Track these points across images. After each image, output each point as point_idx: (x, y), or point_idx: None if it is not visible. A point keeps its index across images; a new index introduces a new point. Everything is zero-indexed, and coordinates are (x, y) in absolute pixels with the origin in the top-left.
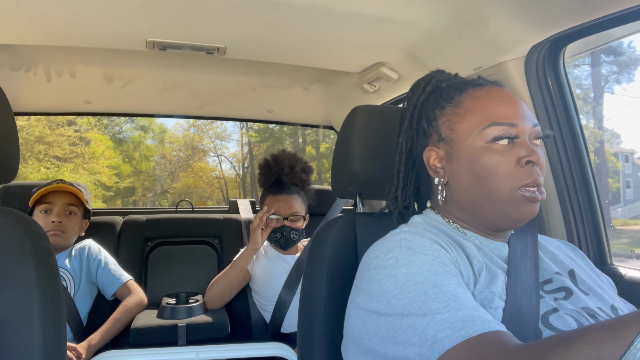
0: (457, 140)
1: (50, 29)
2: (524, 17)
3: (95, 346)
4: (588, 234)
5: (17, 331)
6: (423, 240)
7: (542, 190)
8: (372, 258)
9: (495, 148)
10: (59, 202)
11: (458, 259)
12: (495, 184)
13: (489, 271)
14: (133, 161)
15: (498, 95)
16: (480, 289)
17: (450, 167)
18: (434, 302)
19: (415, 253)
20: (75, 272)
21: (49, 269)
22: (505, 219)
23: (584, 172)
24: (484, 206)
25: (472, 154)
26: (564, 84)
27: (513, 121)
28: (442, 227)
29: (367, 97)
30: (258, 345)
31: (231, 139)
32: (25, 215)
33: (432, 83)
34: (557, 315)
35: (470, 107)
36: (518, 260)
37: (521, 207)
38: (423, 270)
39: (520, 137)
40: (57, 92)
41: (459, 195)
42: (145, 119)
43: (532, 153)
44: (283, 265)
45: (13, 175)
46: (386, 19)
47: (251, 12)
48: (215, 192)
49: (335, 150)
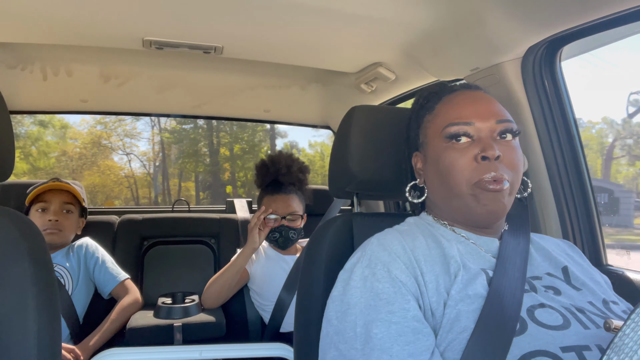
0: (428, 144)
1: (47, 27)
2: (521, 18)
3: (93, 347)
4: (584, 234)
5: (12, 331)
6: (391, 252)
7: (503, 182)
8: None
9: (454, 147)
10: (55, 200)
11: (423, 267)
12: (454, 180)
13: (467, 271)
14: (30, 158)
15: (462, 98)
16: (457, 289)
17: (425, 169)
18: (356, 344)
19: (367, 278)
20: (73, 270)
21: (45, 269)
22: (472, 214)
23: (580, 172)
24: (452, 202)
25: (436, 154)
26: (561, 85)
27: (469, 120)
28: (429, 227)
29: (365, 97)
30: (262, 345)
31: (141, 137)
32: (20, 214)
33: (424, 95)
34: (542, 309)
35: (438, 112)
36: (507, 255)
37: (481, 200)
38: (361, 305)
39: (478, 134)
40: (53, 91)
41: (434, 195)
42: None
43: (487, 148)
44: (282, 266)
45: (9, 174)
46: (383, 19)
47: (248, 11)
48: (124, 191)
49: (332, 151)
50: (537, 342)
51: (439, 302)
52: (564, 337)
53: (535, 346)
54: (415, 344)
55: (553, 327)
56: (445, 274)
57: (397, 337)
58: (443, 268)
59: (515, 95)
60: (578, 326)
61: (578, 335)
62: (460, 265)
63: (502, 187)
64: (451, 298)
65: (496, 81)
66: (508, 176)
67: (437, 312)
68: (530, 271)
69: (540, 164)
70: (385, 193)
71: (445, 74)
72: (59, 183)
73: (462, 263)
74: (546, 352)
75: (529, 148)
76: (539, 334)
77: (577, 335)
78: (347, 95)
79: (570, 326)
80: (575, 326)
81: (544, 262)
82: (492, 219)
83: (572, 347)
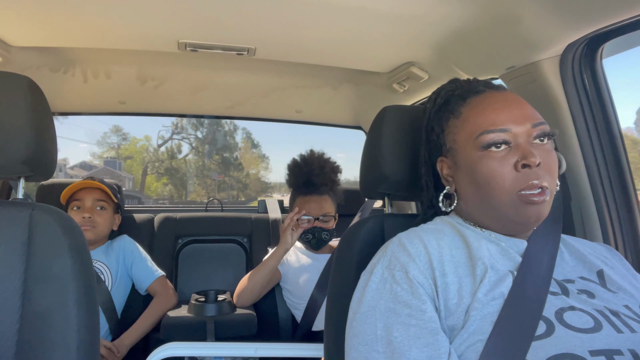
0: (458, 151)
1: (87, 32)
2: (560, 14)
3: (129, 343)
4: (625, 237)
5: (53, 324)
6: (410, 253)
7: (546, 192)
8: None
9: (491, 155)
10: (88, 198)
11: (446, 268)
12: (493, 190)
13: (495, 273)
14: None
15: (493, 102)
16: (484, 291)
17: (457, 176)
18: (377, 346)
19: (386, 280)
20: (112, 266)
21: (84, 264)
22: (510, 223)
23: (622, 174)
24: (489, 212)
25: (470, 163)
26: (602, 84)
27: (505, 126)
28: (458, 227)
29: (397, 97)
30: (313, 346)
31: None
32: (61, 212)
33: (441, 95)
34: (572, 312)
35: (467, 117)
36: (534, 253)
37: (522, 210)
38: (381, 307)
39: (516, 140)
40: (93, 93)
41: (466, 203)
42: None
43: (528, 156)
44: (315, 265)
45: (51, 173)
46: (415, 17)
47: (281, 12)
48: None
49: (363, 151)
50: (565, 345)
51: (459, 304)
52: (593, 340)
53: (562, 349)
54: (434, 346)
55: (582, 330)
56: (470, 276)
57: (415, 340)
58: (468, 270)
59: (553, 94)
60: (610, 329)
61: (609, 338)
62: (488, 267)
63: (545, 198)
64: (478, 301)
65: (533, 80)
66: (547, 182)
67: (456, 313)
68: (562, 274)
69: (579, 166)
70: (416, 194)
71: (480, 73)
72: (89, 181)
73: (489, 265)
74: (573, 356)
75: (568, 149)
76: (567, 336)
77: (608, 338)
78: (379, 95)
79: (602, 329)
80: (608, 329)
81: (577, 266)
82: (531, 227)
83: (602, 351)
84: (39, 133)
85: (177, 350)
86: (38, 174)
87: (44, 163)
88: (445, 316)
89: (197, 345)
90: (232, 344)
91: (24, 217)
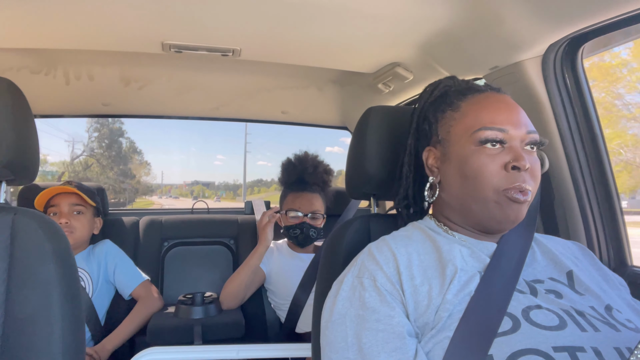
0: (451, 142)
1: (69, 33)
2: (542, 15)
3: (111, 349)
4: (607, 235)
5: (37, 330)
6: (378, 261)
7: (528, 194)
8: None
9: (485, 151)
10: (64, 203)
11: (415, 272)
12: (480, 184)
13: (465, 274)
14: None
15: (494, 102)
16: (453, 292)
17: (444, 167)
18: (349, 354)
19: (355, 288)
20: (93, 272)
21: (69, 269)
22: (490, 220)
23: (603, 173)
24: (471, 206)
25: (462, 155)
26: (583, 83)
27: (503, 126)
28: (429, 232)
29: (382, 97)
30: (300, 346)
31: None
32: (45, 216)
33: (439, 88)
34: (539, 310)
35: (466, 111)
36: (504, 252)
37: (505, 208)
38: (351, 315)
39: (510, 142)
40: (75, 95)
41: (449, 195)
42: None
43: (519, 159)
44: (298, 264)
45: (34, 176)
46: (400, 18)
47: (266, 14)
48: None
49: (349, 152)
50: (529, 340)
51: (429, 305)
52: (557, 337)
53: (527, 344)
54: (402, 350)
55: (547, 327)
56: (440, 278)
57: (384, 345)
58: (437, 272)
59: (535, 94)
60: (575, 328)
61: (573, 336)
62: (458, 268)
63: (526, 199)
64: (448, 301)
65: (516, 80)
66: (531, 187)
67: (427, 314)
68: (533, 275)
69: (562, 163)
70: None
71: (464, 73)
72: (64, 187)
73: (460, 266)
74: (537, 351)
75: (551, 147)
76: (532, 333)
77: (572, 336)
78: (365, 95)
79: (567, 327)
80: (572, 328)
81: (548, 266)
82: (508, 226)
83: (566, 348)
84: (20, 136)
85: (159, 355)
86: (20, 178)
87: (26, 166)
88: (416, 318)
89: (178, 349)
90: (214, 346)
91: (7, 222)
